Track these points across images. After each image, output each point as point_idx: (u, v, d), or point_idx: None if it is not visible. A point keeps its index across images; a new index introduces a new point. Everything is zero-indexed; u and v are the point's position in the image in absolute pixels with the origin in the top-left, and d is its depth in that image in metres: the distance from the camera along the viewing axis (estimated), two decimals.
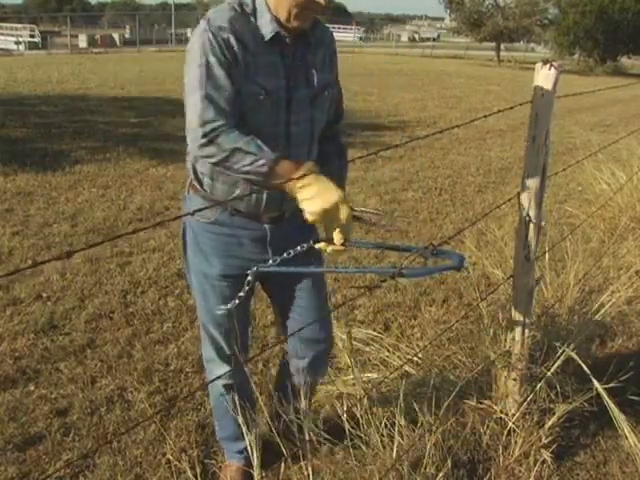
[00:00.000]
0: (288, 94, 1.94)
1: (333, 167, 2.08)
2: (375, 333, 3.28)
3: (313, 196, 1.69)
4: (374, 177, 7.44)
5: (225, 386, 2.31)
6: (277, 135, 1.94)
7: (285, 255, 1.82)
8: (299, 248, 1.84)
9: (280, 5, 1.86)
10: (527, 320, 2.68)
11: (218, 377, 2.19)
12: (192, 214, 1.72)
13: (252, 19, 1.88)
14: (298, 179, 1.69)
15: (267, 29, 1.87)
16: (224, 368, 2.26)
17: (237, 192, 1.99)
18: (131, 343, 3.51)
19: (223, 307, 1.96)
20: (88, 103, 12.15)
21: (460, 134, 10.31)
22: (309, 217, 1.72)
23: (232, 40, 1.82)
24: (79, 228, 5.26)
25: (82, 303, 3.95)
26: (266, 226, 2.08)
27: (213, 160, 1.80)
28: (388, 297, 4.17)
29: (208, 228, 2.07)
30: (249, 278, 1.85)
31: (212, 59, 1.80)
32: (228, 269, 2.10)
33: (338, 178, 1.93)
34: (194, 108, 1.80)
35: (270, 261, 1.86)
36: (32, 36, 33.89)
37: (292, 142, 1.98)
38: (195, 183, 2.08)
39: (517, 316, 2.68)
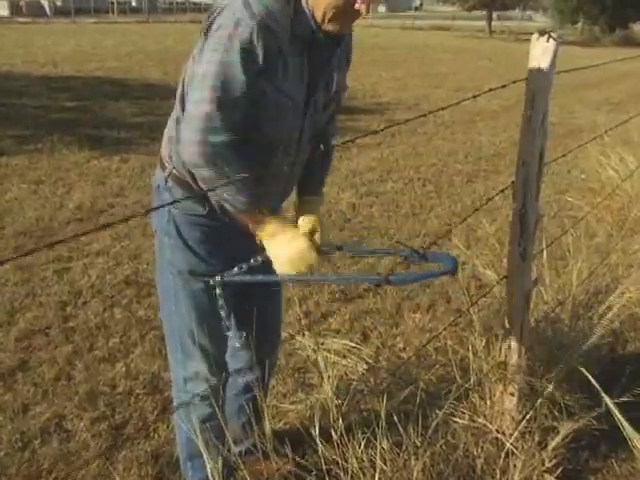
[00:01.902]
0: (307, 100, 1.99)
1: (316, 169, 2.27)
2: (352, 344, 3.29)
3: (279, 249, 1.96)
4: (348, 167, 7.47)
5: (206, 414, 2.26)
6: (291, 141, 2.02)
7: (236, 269, 2.02)
8: (252, 261, 2.03)
9: (316, 5, 1.87)
10: (524, 327, 2.71)
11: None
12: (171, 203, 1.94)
13: (293, 12, 1.86)
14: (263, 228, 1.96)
15: (305, 26, 1.89)
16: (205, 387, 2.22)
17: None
18: (71, 363, 3.48)
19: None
20: (14, 83, 12.03)
21: (446, 117, 10.40)
22: (278, 268, 1.98)
23: (272, 42, 1.81)
24: (7, 230, 5.19)
25: (12, 318, 3.91)
26: None
27: (199, 171, 1.88)
28: (366, 303, 4.19)
29: (196, 221, 2.09)
30: (217, 291, 2.01)
31: (240, 60, 1.78)
32: (217, 265, 2.10)
33: (318, 184, 2.29)
34: (201, 110, 1.81)
35: (235, 269, 2.02)
36: None
37: (301, 147, 2.07)
38: (181, 174, 2.06)
39: (513, 322, 2.71)
